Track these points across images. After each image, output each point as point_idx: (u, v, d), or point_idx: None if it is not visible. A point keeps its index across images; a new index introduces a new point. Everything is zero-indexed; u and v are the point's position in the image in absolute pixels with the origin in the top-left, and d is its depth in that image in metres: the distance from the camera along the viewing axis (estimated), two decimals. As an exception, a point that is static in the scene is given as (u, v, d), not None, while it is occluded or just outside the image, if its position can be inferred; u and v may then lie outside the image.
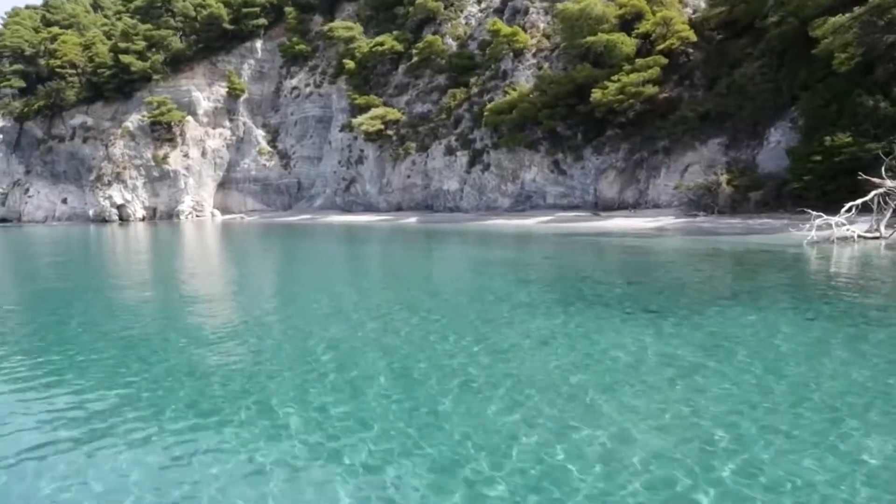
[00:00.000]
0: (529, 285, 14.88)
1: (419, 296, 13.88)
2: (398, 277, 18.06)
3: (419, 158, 53.56)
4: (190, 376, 7.96)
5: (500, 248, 25.93)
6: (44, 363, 8.89)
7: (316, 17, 76.24)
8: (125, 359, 8.90)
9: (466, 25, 59.23)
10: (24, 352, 9.71)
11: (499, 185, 45.18)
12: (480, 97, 48.52)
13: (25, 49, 79.53)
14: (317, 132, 70.99)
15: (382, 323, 10.92)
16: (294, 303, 13.83)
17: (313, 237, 38.53)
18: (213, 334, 10.49)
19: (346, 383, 7.44)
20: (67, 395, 7.41)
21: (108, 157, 74.42)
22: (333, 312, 12.14)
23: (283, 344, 9.64)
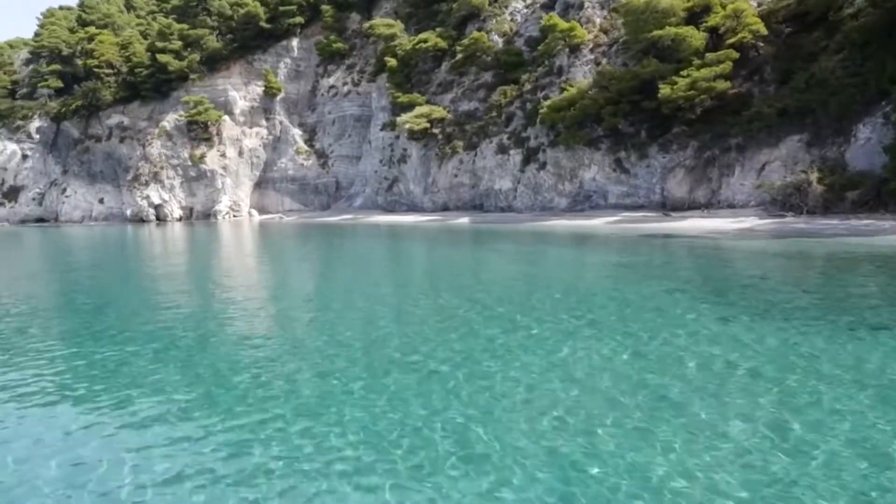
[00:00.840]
0: (683, 292, 13.53)
1: (560, 313, 12.55)
2: (512, 286, 16.68)
3: (467, 157, 52.26)
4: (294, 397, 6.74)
5: (600, 251, 24.54)
6: (134, 403, 7.75)
7: (353, 14, 75.29)
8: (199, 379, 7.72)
9: (512, 22, 57.83)
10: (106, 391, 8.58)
11: (555, 185, 43.76)
12: (534, 94, 47.11)
13: (63, 49, 79.35)
14: (355, 131, 70.00)
15: (563, 371, 9.48)
16: (382, 319, 12.58)
17: (363, 238, 37.30)
18: (296, 355, 9.30)
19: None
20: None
21: (146, 157, 73.98)
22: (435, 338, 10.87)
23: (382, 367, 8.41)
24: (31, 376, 8.65)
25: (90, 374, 8.78)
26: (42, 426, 6.96)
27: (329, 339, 10.36)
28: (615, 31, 44.52)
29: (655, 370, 7.96)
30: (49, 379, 8.61)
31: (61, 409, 7.48)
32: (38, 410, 7.42)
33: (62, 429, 6.87)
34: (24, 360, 9.70)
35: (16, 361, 9.66)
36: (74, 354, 9.86)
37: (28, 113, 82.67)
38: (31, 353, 10.12)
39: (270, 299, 14.95)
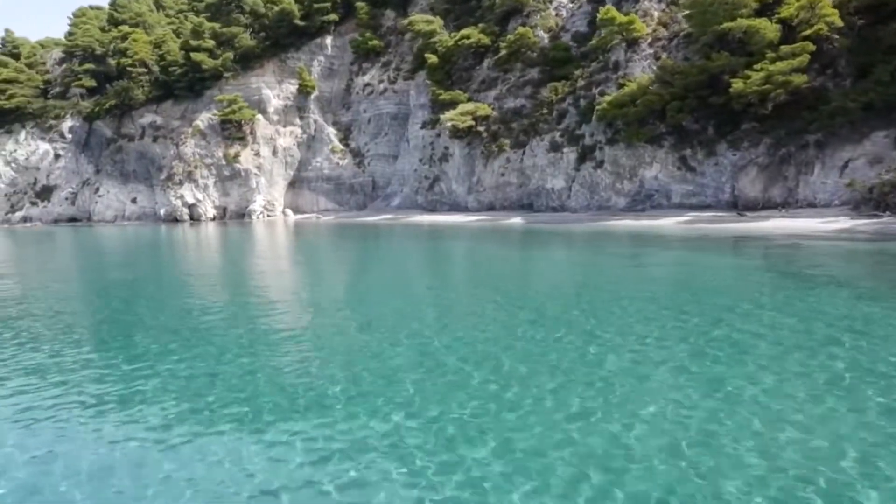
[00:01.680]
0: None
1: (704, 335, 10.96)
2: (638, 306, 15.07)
3: (514, 156, 50.70)
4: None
5: (710, 253, 22.88)
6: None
7: (388, 11, 73.91)
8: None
9: (557, 17, 56.20)
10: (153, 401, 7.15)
11: (613, 184, 42.11)
12: (588, 90, 45.46)
13: (96, 48, 78.62)
14: (392, 129, 68.62)
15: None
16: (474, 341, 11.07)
17: (411, 239, 35.75)
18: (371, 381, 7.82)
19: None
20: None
21: (179, 156, 73.04)
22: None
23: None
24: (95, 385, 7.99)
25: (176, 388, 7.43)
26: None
27: (424, 363, 8.90)
28: (675, 25, 42.77)
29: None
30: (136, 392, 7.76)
31: (150, 422, 7.07)
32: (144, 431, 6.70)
33: (160, 443, 6.54)
34: (79, 368, 9.23)
35: (69, 369, 9.24)
36: (155, 367, 8.52)
37: (60, 112, 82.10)
38: (93, 363, 8.88)
39: (333, 309, 13.35)
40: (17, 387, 8.43)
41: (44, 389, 8.27)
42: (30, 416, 7.32)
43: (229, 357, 9.32)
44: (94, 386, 8.41)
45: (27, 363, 9.49)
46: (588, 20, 53.39)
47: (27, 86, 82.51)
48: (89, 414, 7.36)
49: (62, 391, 8.16)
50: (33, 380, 8.57)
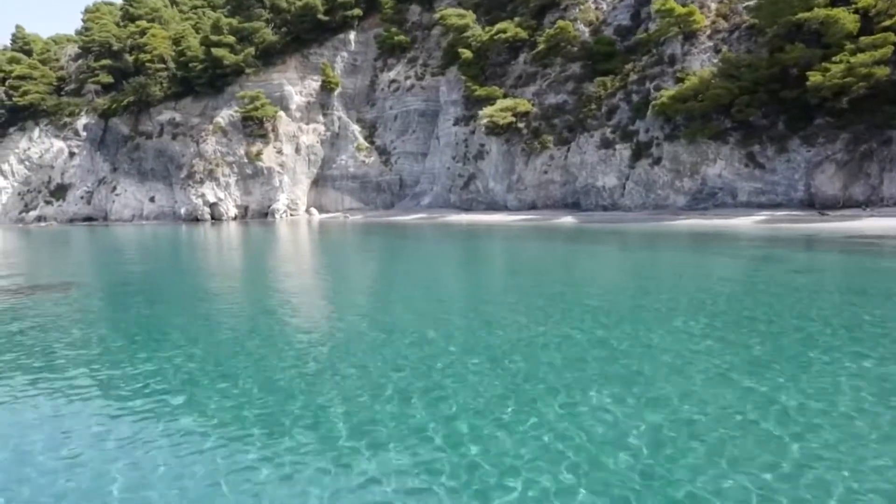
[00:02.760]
0: None
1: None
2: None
3: (558, 153, 48.58)
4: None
5: (843, 256, 20.75)
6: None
7: (413, 6, 71.62)
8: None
9: (597, 10, 54.08)
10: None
11: (672, 182, 40.01)
12: (641, 84, 43.33)
13: (113, 44, 75.97)
14: (420, 127, 66.35)
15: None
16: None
17: (457, 240, 33.37)
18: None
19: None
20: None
21: (200, 154, 70.59)
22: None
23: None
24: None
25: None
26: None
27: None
28: (735, 17, 40.68)
29: None
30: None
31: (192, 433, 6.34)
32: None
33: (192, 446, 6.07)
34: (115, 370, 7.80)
35: (105, 374, 8.50)
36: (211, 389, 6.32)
37: (75, 110, 79.49)
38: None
39: (405, 328, 10.92)
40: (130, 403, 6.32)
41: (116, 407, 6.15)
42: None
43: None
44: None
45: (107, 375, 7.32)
46: (631, 13, 51.39)
47: (41, 82, 79.83)
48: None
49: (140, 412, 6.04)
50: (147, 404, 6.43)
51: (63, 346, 10.14)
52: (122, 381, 8.17)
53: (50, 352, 9.78)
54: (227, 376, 8.14)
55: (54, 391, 7.91)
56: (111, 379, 8.33)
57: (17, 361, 9.30)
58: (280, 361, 8.76)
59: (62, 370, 8.83)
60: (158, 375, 8.34)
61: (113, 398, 7.57)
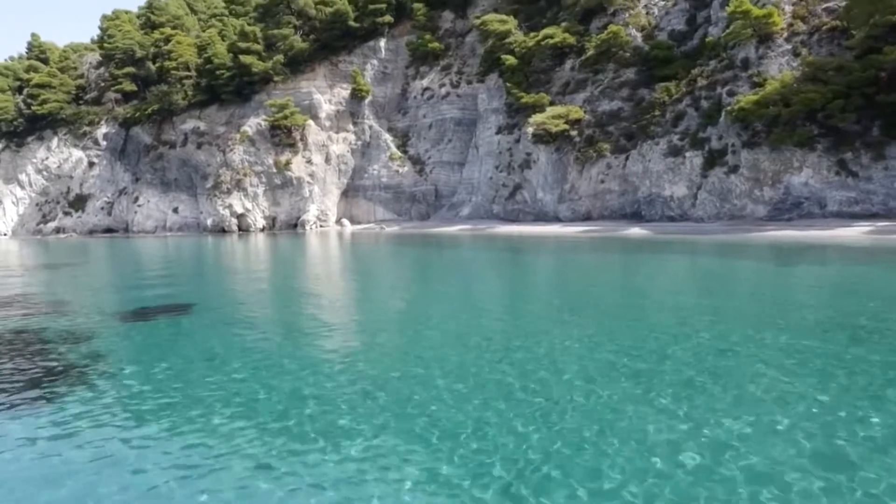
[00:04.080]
0: None
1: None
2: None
3: (615, 161, 46.02)
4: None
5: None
6: None
7: (445, 13, 69.33)
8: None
9: (648, 15, 51.80)
10: None
11: (750, 191, 37.41)
12: (711, 90, 40.85)
13: (136, 51, 73.23)
14: (456, 135, 63.77)
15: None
16: None
17: (519, 254, 30.52)
18: None
19: None
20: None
21: (227, 164, 67.77)
22: None
23: None
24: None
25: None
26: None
27: None
28: (814, 19, 38.33)
29: None
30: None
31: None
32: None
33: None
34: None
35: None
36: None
37: (95, 119, 76.66)
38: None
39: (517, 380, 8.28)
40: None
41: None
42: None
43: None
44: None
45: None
46: (686, 18, 49.13)
47: (60, 91, 77.02)
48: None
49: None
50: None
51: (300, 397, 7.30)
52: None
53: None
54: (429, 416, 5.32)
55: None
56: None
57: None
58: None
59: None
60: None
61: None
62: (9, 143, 77.77)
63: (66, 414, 7.26)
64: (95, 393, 7.98)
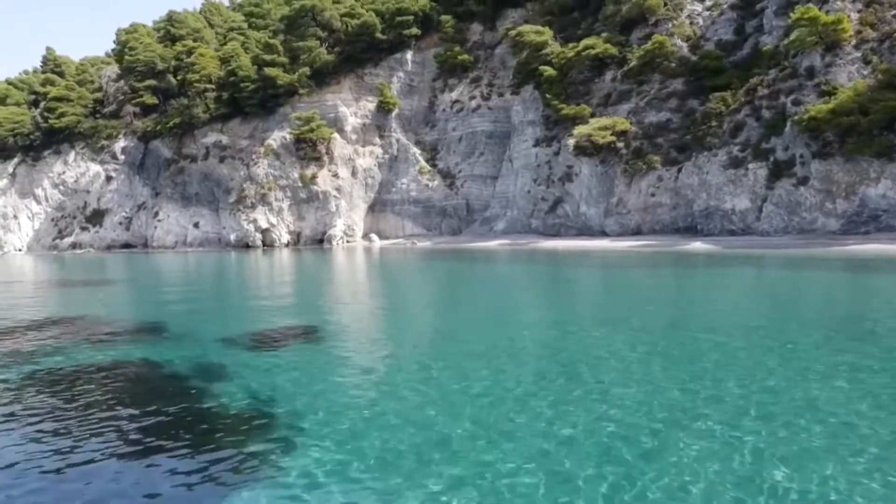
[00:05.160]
0: None
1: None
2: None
3: (667, 173, 44.16)
4: None
5: None
6: None
7: (474, 25, 67.87)
8: None
9: (692, 25, 50.32)
10: None
11: (821, 203, 35.50)
12: (773, 99, 39.11)
13: (158, 64, 71.37)
14: (488, 149, 61.92)
15: None
16: None
17: (586, 270, 28.46)
18: None
19: None
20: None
21: (251, 178, 65.64)
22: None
23: None
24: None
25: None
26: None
27: None
28: (884, 26, 36.72)
29: None
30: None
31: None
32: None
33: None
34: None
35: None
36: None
37: (113, 132, 74.61)
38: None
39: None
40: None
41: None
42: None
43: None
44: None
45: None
46: (734, 28, 47.67)
47: (77, 104, 75.03)
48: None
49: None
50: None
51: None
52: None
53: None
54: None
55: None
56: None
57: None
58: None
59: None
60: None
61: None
62: (25, 157, 75.54)
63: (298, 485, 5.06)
64: (306, 457, 5.75)
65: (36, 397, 8.59)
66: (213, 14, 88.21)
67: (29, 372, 10.00)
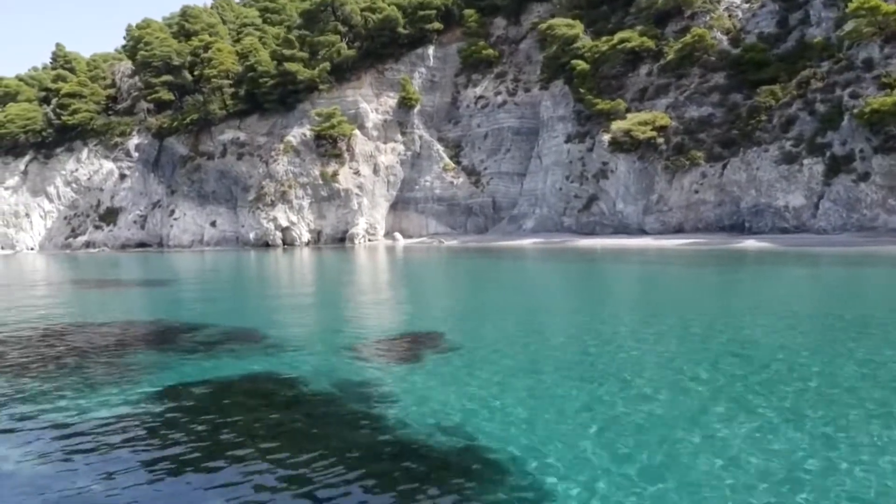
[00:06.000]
0: None
1: None
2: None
3: (711, 170, 42.59)
4: None
5: None
6: None
7: (497, 20, 66.13)
8: None
9: (731, 18, 48.76)
10: None
11: (884, 200, 33.99)
12: (829, 92, 37.56)
13: (174, 59, 69.48)
14: (515, 145, 60.22)
15: None
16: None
17: (643, 271, 26.90)
18: None
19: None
20: None
21: (270, 175, 63.89)
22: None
23: None
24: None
25: None
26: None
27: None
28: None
29: None
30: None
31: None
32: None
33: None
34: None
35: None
36: None
37: (126, 129, 72.72)
38: None
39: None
40: None
41: None
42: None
43: None
44: None
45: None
46: (777, 20, 46.08)
47: (90, 101, 73.06)
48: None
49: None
50: None
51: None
52: None
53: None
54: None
55: None
56: None
57: None
58: None
59: None
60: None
61: None
62: (36, 155, 73.60)
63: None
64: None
65: (174, 430, 6.88)
66: (226, 10, 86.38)
67: (145, 394, 8.28)
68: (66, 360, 10.42)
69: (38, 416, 7.31)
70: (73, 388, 8.51)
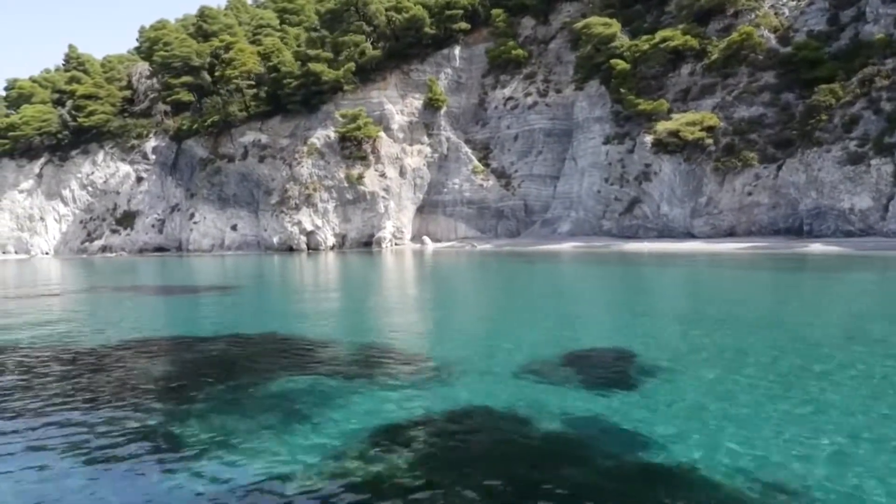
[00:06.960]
0: None
1: None
2: None
3: (764, 171, 40.90)
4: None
5: None
6: None
7: (525, 19, 64.47)
8: None
9: (778, 16, 47.18)
10: None
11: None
12: (895, 90, 35.91)
13: (194, 60, 67.60)
14: (547, 147, 58.48)
15: None
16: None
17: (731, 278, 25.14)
18: None
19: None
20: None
21: (294, 178, 61.94)
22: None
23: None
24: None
25: None
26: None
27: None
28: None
29: None
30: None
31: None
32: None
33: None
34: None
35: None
36: None
37: (143, 131, 70.77)
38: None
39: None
40: None
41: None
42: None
43: None
44: None
45: None
46: (827, 17, 44.47)
47: (106, 102, 71.10)
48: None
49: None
50: None
51: None
52: None
53: None
54: None
55: None
56: None
57: None
58: None
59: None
60: None
61: None
62: (51, 157, 71.55)
63: None
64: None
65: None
66: (240, 11, 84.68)
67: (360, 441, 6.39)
68: (230, 398, 8.51)
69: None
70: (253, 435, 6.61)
